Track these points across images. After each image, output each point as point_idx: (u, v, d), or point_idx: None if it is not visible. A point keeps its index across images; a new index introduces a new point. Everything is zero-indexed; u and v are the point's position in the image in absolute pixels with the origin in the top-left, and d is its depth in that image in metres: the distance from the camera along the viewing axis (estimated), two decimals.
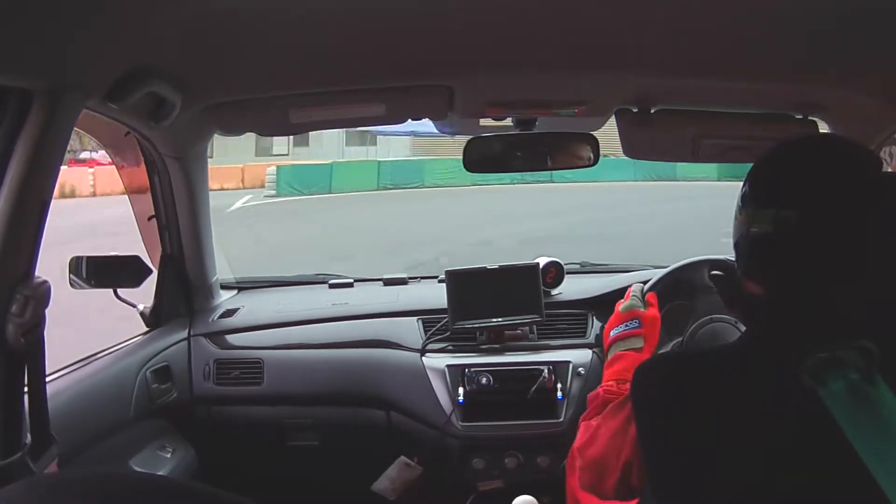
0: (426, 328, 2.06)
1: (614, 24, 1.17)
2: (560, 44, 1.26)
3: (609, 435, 1.07)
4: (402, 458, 1.94)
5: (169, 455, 1.78)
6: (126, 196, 1.97)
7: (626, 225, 10.45)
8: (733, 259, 0.99)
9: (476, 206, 13.11)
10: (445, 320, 2.03)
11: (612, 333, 1.40)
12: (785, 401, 0.80)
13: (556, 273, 2.17)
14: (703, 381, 0.88)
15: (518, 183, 13.96)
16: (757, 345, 0.89)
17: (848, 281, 0.84)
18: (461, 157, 1.72)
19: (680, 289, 1.86)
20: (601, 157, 1.77)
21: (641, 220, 11.16)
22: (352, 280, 2.38)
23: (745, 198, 0.93)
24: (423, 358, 1.98)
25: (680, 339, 1.79)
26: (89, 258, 1.77)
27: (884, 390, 0.77)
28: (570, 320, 2.08)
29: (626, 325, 1.38)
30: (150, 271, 1.84)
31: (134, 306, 1.91)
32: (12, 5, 0.83)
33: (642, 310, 1.41)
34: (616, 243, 8.53)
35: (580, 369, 1.93)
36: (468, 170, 1.77)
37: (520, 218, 11.27)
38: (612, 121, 1.69)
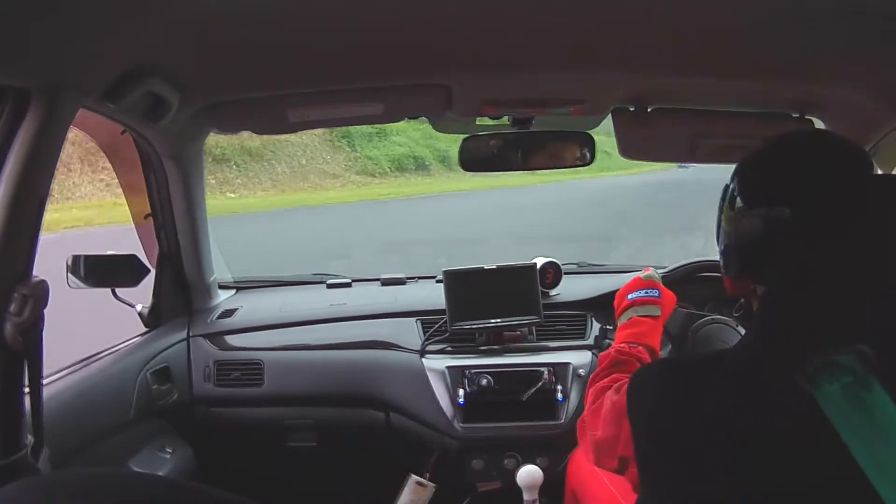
0: (425, 329, 2.05)
1: (611, 22, 1.17)
2: (557, 42, 1.26)
3: (606, 422, 1.05)
4: (413, 477, 1.87)
5: (168, 455, 1.77)
6: None
7: None
8: (717, 260, 0.96)
9: None
10: (444, 321, 2.03)
11: (630, 296, 1.37)
12: (781, 403, 0.79)
13: (554, 273, 2.17)
14: (697, 389, 0.87)
15: None
16: (753, 350, 0.88)
17: (843, 282, 0.82)
18: None
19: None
20: None
21: None
22: (349, 280, 2.38)
23: (732, 197, 0.90)
24: (423, 359, 1.98)
25: (678, 342, 1.79)
26: (87, 257, 1.75)
27: (879, 393, 0.76)
28: (569, 321, 2.08)
29: (647, 292, 1.36)
30: (148, 270, 1.83)
31: (132, 306, 1.91)
32: (9, 4, 0.83)
33: (661, 285, 1.40)
34: None
35: (580, 371, 1.92)
36: (464, 169, 1.76)
37: None
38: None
